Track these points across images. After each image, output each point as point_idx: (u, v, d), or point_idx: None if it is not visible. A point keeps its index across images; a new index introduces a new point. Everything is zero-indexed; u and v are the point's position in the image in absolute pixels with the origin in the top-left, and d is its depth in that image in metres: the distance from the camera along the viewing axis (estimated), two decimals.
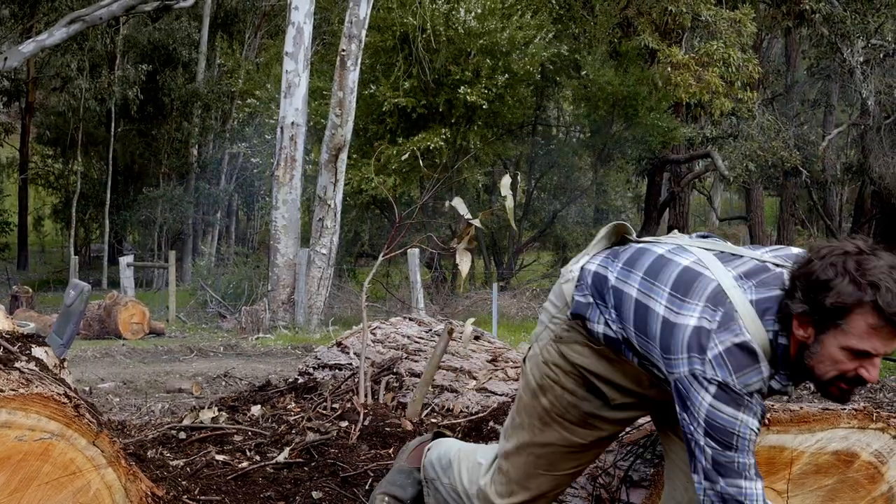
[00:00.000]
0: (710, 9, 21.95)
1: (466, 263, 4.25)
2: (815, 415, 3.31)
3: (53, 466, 2.86)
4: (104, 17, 25.35)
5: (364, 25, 18.34)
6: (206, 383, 9.75)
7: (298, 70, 18.50)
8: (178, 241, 34.64)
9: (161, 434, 4.42)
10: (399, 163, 21.00)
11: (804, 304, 2.71)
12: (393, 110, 21.68)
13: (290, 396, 5.05)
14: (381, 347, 5.48)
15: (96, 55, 32.67)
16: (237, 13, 37.03)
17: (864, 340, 2.68)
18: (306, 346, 13.57)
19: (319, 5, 21.86)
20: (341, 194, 18.69)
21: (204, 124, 35.26)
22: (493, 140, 23.16)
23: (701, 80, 21.30)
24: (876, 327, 2.65)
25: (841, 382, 2.76)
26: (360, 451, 4.10)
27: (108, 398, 8.64)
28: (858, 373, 2.72)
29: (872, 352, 2.69)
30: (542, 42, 22.05)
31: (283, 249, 18.44)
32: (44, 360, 3.65)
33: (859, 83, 23.36)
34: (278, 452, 4.10)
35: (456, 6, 21.28)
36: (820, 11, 22.78)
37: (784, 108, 28.07)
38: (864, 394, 7.98)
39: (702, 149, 23.56)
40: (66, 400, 2.89)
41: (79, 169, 35.16)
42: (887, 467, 3.37)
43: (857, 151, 29.30)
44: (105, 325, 15.95)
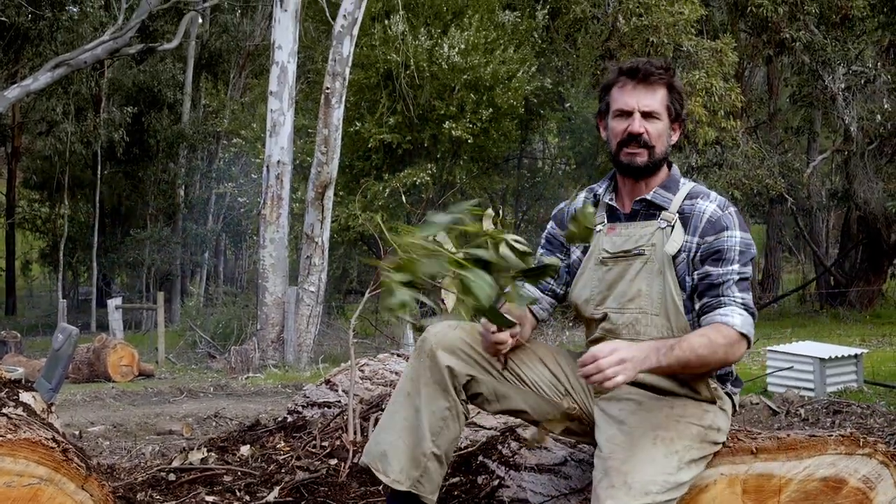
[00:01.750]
0: (691, 39, 22.03)
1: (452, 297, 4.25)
2: (802, 442, 3.32)
3: None
4: (88, 60, 25.42)
5: (348, 63, 18.42)
6: (196, 424, 9.67)
7: (283, 109, 18.55)
8: (166, 282, 34.61)
9: (150, 476, 4.39)
10: (385, 199, 21.04)
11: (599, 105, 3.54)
12: (378, 146, 21.77)
13: (280, 435, 5.02)
14: (370, 384, 5.47)
15: (81, 98, 32.75)
16: (221, 54, 37.20)
17: (619, 100, 3.39)
18: (296, 384, 13.51)
19: (303, 44, 21.95)
20: (328, 231, 18.71)
21: (190, 165, 35.35)
22: (479, 174, 23.24)
23: None
24: (623, 86, 3.39)
25: (624, 147, 3.38)
26: (350, 488, 4.06)
27: (98, 442, 8.57)
28: (629, 130, 3.36)
29: (627, 108, 3.37)
30: (525, 76, 22.20)
31: (271, 288, 18.42)
32: (31, 405, 3.65)
33: (841, 109, 23.43)
34: (268, 492, 4.07)
35: (439, 42, 21.41)
36: (800, 40, 22.88)
37: (768, 135, 28.09)
38: (853, 419, 7.97)
39: (687, 178, 23.62)
40: (55, 444, 2.88)
41: (66, 212, 35.16)
42: (875, 493, 3.37)
43: (841, 177, 29.34)
44: (94, 369, 15.86)
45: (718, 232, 3.30)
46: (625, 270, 3.40)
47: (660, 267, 3.35)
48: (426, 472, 3.33)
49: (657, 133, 3.36)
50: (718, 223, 3.31)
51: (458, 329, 3.45)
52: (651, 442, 3.13)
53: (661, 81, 3.37)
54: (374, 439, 3.42)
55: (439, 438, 3.34)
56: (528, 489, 3.79)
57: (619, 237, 3.44)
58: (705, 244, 3.31)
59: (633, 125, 3.35)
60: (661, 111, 3.37)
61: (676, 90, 3.41)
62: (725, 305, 3.25)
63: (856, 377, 10.27)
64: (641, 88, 3.36)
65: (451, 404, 3.35)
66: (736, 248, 3.29)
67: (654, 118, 3.36)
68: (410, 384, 3.39)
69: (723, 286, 3.26)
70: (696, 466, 3.17)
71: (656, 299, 3.35)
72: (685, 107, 3.50)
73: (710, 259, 3.30)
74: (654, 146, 3.36)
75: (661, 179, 3.45)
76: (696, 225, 3.33)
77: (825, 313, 26.22)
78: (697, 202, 3.37)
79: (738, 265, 3.28)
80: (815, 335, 18.72)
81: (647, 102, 3.35)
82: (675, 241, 3.34)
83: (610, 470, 3.08)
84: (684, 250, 3.33)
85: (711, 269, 3.28)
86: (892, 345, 16.75)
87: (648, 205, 3.43)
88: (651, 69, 3.35)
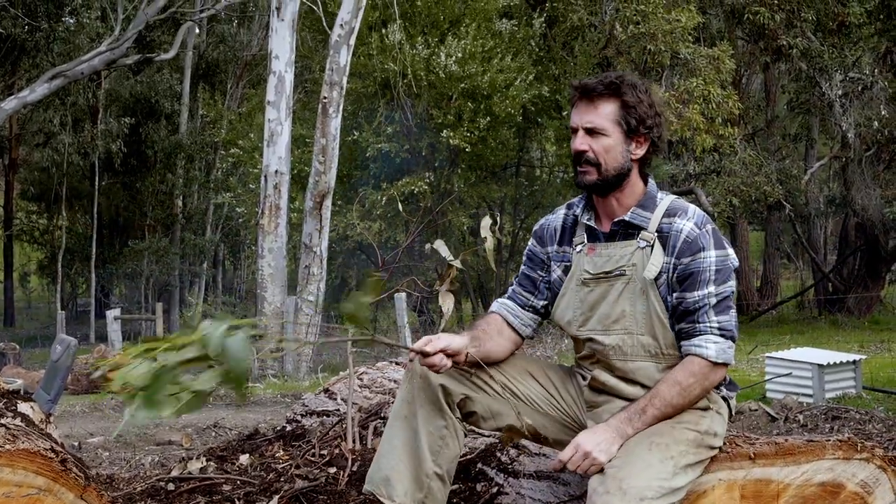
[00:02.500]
0: (688, 47, 22.07)
1: (449, 305, 4.23)
2: (800, 447, 3.33)
3: None
4: (85, 71, 25.42)
5: (345, 72, 18.42)
6: (196, 434, 9.62)
7: (281, 118, 18.54)
8: (164, 293, 34.60)
9: (149, 486, 4.37)
10: (383, 208, 21.06)
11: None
12: (376, 155, 21.78)
13: (279, 444, 5.01)
14: (369, 392, 5.48)
15: (79, 110, 32.76)
16: (218, 64, 37.21)
17: (572, 117, 3.41)
18: (296, 393, 13.47)
19: (300, 54, 21.98)
20: (327, 241, 18.69)
21: (188, 175, 35.31)
22: (477, 182, 23.25)
23: (682, 118, 21.36)
24: (575, 104, 3.40)
25: (576, 166, 3.39)
26: (349, 496, 4.03)
27: (97, 453, 8.52)
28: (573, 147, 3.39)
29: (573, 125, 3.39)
30: (522, 84, 22.20)
31: (270, 298, 18.39)
32: (29, 415, 3.66)
33: (839, 116, 23.47)
34: (267, 501, 4.06)
35: (436, 51, 21.44)
36: (797, 46, 22.92)
37: (765, 142, 28.15)
38: (852, 425, 7.97)
39: (685, 186, 23.63)
40: (53, 455, 2.89)
41: (64, 224, 35.20)
42: (873, 497, 3.38)
43: (839, 184, 29.39)
44: (93, 380, 15.83)
45: (695, 253, 3.30)
46: (607, 291, 3.41)
47: (642, 287, 3.35)
48: (430, 493, 3.36)
49: (604, 149, 3.34)
50: (695, 244, 3.30)
51: None
52: (646, 448, 3.13)
53: (605, 96, 3.35)
54: (375, 465, 3.43)
55: (440, 458, 3.37)
56: (528, 496, 3.79)
57: (600, 258, 3.43)
58: (682, 265, 3.31)
59: (575, 143, 3.38)
60: (606, 126, 3.34)
61: (629, 104, 3.35)
62: (700, 334, 3.28)
63: (854, 383, 10.28)
64: (584, 105, 3.37)
65: (448, 422, 3.38)
66: (711, 268, 3.29)
67: (599, 134, 3.34)
68: (406, 407, 3.41)
69: (698, 312, 3.28)
70: (693, 471, 3.18)
71: (641, 319, 3.36)
72: (650, 118, 3.41)
73: (686, 283, 3.31)
74: (601, 163, 3.34)
75: (638, 197, 3.44)
76: (673, 245, 3.33)
77: (824, 320, 26.26)
78: (675, 221, 3.36)
79: (713, 286, 3.28)
80: (814, 341, 18.77)
81: (589, 119, 3.35)
82: (655, 263, 3.33)
83: (605, 476, 3.09)
84: (664, 271, 3.33)
85: (687, 295, 3.29)
86: (891, 351, 16.80)
87: (627, 225, 3.42)
88: (593, 85, 3.35)
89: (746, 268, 30.96)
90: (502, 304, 3.67)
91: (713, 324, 3.27)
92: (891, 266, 27.30)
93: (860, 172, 24.63)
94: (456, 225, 22.75)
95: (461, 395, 3.38)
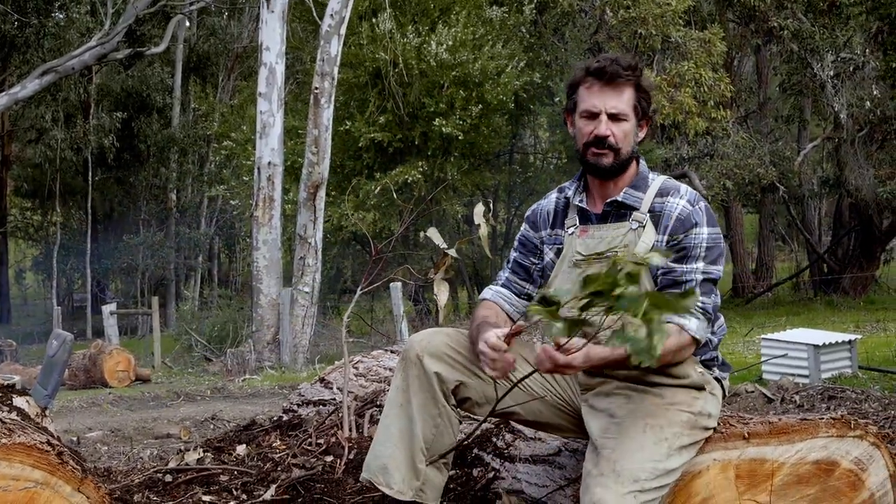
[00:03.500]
0: (679, 30, 22.07)
1: (444, 293, 4.25)
2: (794, 425, 3.34)
3: None
4: (76, 66, 25.42)
5: (336, 63, 18.42)
6: (194, 427, 9.67)
7: (273, 110, 18.54)
8: (160, 287, 34.65)
9: (147, 478, 4.38)
10: (377, 198, 21.05)
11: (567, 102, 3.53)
12: (369, 145, 21.78)
13: (275, 434, 5.04)
14: (364, 381, 5.48)
15: (70, 105, 32.75)
16: (209, 57, 37.22)
17: (586, 101, 3.39)
18: (293, 385, 13.45)
19: (291, 45, 21.94)
20: (321, 232, 18.71)
21: (181, 169, 35.36)
22: (470, 170, 23.22)
23: (674, 101, 21.38)
24: (590, 87, 3.39)
25: (591, 148, 3.39)
26: (346, 484, 4.06)
27: (96, 447, 8.54)
28: (595, 133, 3.37)
29: (594, 109, 3.38)
30: (514, 71, 22.22)
31: (265, 290, 18.41)
32: (25, 409, 3.67)
33: (831, 97, 23.47)
34: (265, 490, 4.07)
35: (427, 39, 21.42)
36: (788, 28, 22.91)
37: (758, 125, 28.19)
38: (848, 405, 8.00)
39: (678, 169, 23.64)
40: (50, 448, 2.89)
41: (58, 220, 35.22)
42: (868, 474, 3.40)
43: (832, 165, 29.35)
44: (91, 375, 15.85)
45: (688, 229, 3.33)
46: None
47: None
48: (427, 480, 3.38)
49: (623, 134, 3.38)
50: (688, 220, 3.33)
51: (441, 334, 3.47)
52: (641, 430, 3.14)
53: (628, 82, 3.38)
54: (372, 453, 3.44)
55: (436, 445, 3.39)
56: (524, 480, 3.81)
57: (592, 239, 3.45)
58: (674, 241, 3.33)
59: (600, 128, 3.37)
60: (628, 112, 3.39)
61: (643, 89, 3.43)
62: None
63: (850, 363, 10.31)
64: (609, 90, 3.38)
65: (443, 410, 3.39)
66: (703, 245, 3.32)
67: (621, 119, 3.38)
68: (402, 395, 3.41)
69: (685, 285, 3.29)
70: (687, 453, 3.18)
71: None
72: (652, 103, 3.50)
73: (675, 255, 3.32)
74: (621, 148, 3.38)
75: (630, 178, 3.47)
76: (666, 223, 3.36)
77: (819, 300, 26.29)
78: (668, 200, 3.39)
79: (703, 262, 3.32)
80: (810, 322, 18.80)
81: (613, 104, 3.37)
82: (646, 242, 3.35)
83: (600, 458, 3.10)
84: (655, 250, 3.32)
85: (676, 267, 3.31)
86: (886, 330, 16.77)
87: (619, 206, 3.45)
88: (618, 70, 3.36)
89: (742, 250, 31.00)
90: (497, 293, 3.66)
91: (697, 301, 3.25)
92: (885, 246, 27.38)
93: (853, 153, 24.65)
94: (450, 213, 22.75)
95: (456, 382, 3.38)
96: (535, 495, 3.74)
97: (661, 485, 3.08)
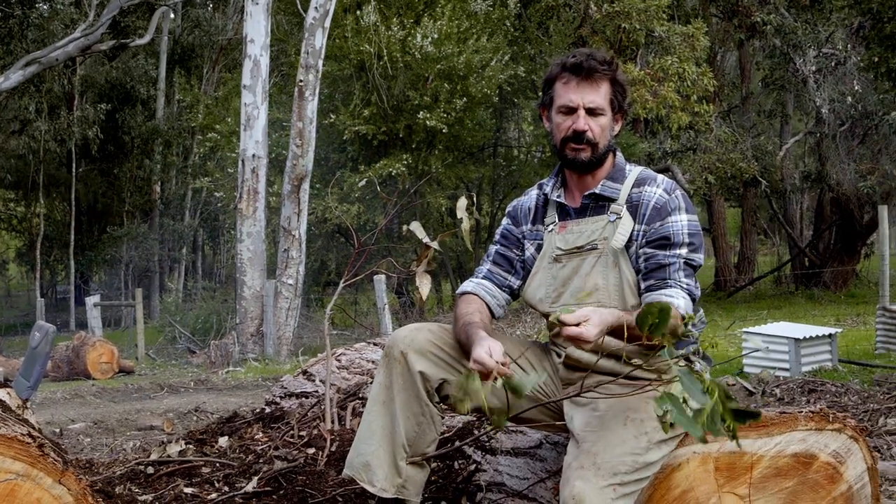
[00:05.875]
0: (663, 25, 22.14)
1: (426, 286, 4.24)
2: (773, 419, 3.35)
3: None
4: (60, 58, 25.39)
5: (320, 55, 18.44)
6: (177, 419, 9.68)
7: (257, 102, 18.55)
8: (144, 279, 34.58)
9: (129, 470, 4.40)
10: (361, 190, 21.05)
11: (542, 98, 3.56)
12: (353, 138, 21.79)
13: (258, 426, 5.07)
14: (347, 373, 5.51)
15: (54, 96, 32.61)
16: (194, 48, 37.14)
17: (563, 96, 3.42)
18: (276, 377, 13.44)
19: (275, 37, 21.93)
20: (305, 224, 18.74)
21: (165, 161, 35.32)
22: (454, 163, 23.24)
23: (657, 96, 21.45)
24: (567, 82, 3.42)
25: (568, 143, 3.43)
26: (328, 476, 4.08)
27: (79, 439, 8.57)
28: (573, 128, 3.41)
29: (571, 104, 3.41)
30: (498, 64, 22.18)
31: (249, 282, 18.43)
32: (7, 401, 3.68)
33: (813, 92, 23.57)
34: (247, 482, 4.09)
35: (412, 32, 21.41)
36: (771, 23, 23.00)
37: (741, 119, 28.26)
38: (828, 398, 8.06)
39: (662, 163, 23.71)
40: (31, 440, 2.88)
41: (42, 211, 35.12)
42: (846, 467, 3.40)
43: (814, 159, 29.46)
44: (74, 366, 15.89)
45: (664, 217, 3.37)
46: (579, 266, 3.46)
47: (614, 259, 3.40)
48: (409, 477, 3.42)
49: (601, 129, 3.42)
50: (664, 209, 3.38)
51: (424, 330, 3.48)
52: (621, 423, 3.16)
53: (604, 77, 3.41)
54: (354, 450, 3.47)
55: (418, 443, 3.42)
56: (505, 472, 3.84)
57: (571, 234, 3.49)
58: (652, 230, 3.37)
59: (578, 123, 3.41)
60: (604, 106, 3.42)
61: (619, 83, 3.46)
62: (670, 287, 3.32)
63: (830, 356, 10.36)
64: (585, 85, 3.41)
65: (426, 409, 3.41)
66: (684, 230, 3.36)
67: (599, 114, 3.42)
68: (385, 392, 3.43)
69: (669, 269, 3.33)
70: (667, 446, 3.19)
71: (613, 291, 3.40)
72: (627, 97, 3.54)
73: (656, 242, 3.36)
74: (598, 142, 3.42)
75: (608, 170, 3.51)
76: (643, 212, 3.40)
77: (800, 294, 26.44)
78: (644, 190, 3.44)
79: (685, 249, 3.35)
80: (791, 316, 18.92)
81: (590, 99, 3.41)
82: (623, 232, 3.39)
83: (580, 451, 3.12)
84: (634, 239, 3.40)
85: (659, 252, 3.35)
86: (867, 324, 16.88)
87: (597, 198, 3.48)
88: (594, 65, 3.39)
89: (724, 244, 31.05)
90: (479, 285, 3.67)
91: (682, 283, 3.32)
92: (866, 240, 27.45)
93: (835, 147, 24.75)
94: (434, 206, 22.74)
95: (439, 380, 3.40)
96: (517, 488, 3.76)
97: (641, 477, 3.09)
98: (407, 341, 3.42)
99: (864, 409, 7.38)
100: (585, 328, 2.97)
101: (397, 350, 3.41)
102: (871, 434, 6.49)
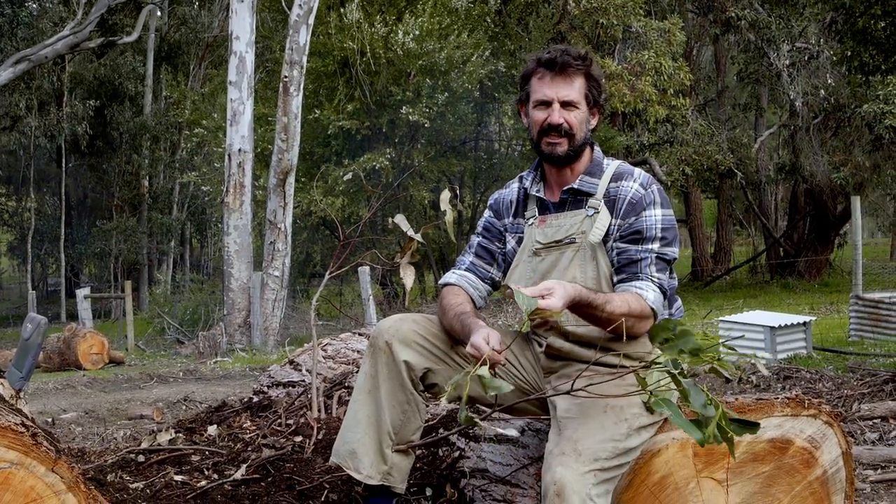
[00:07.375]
0: (640, 20, 22.29)
1: (410, 278, 4.19)
2: (749, 405, 3.41)
3: (14, 495, 2.86)
4: (49, 55, 25.57)
5: (305, 52, 18.58)
6: (166, 409, 9.80)
7: (243, 98, 18.67)
8: (133, 272, 34.63)
9: (120, 458, 4.41)
10: (345, 184, 21.21)
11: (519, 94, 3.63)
12: (338, 133, 21.91)
13: (246, 415, 5.12)
14: (333, 363, 5.53)
15: (44, 93, 32.64)
16: (180, 45, 37.14)
17: (539, 91, 3.49)
18: (263, 367, 13.21)
19: (261, 34, 22.03)
20: (291, 217, 18.88)
21: (153, 156, 35.31)
22: (437, 157, 23.31)
23: (635, 90, 21.60)
24: (542, 77, 3.49)
25: (545, 136, 3.50)
26: (315, 464, 4.12)
27: (70, 428, 8.68)
28: (548, 121, 3.48)
29: (546, 98, 3.48)
30: (479, 60, 22.38)
31: (236, 274, 18.56)
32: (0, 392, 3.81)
33: (787, 85, 23.76)
34: (235, 470, 4.11)
35: (394, 29, 21.56)
36: (745, 18, 23.18)
37: (716, 112, 28.40)
38: (803, 385, 8.29)
39: (639, 156, 23.91)
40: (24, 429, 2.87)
41: (32, 206, 35.19)
42: (821, 452, 3.50)
43: (788, 152, 29.50)
44: (65, 357, 15.95)
45: (639, 212, 3.41)
46: (557, 259, 3.49)
47: (592, 253, 3.44)
48: (394, 465, 3.47)
49: (577, 122, 3.46)
50: (639, 204, 3.42)
51: (409, 321, 3.50)
52: (602, 410, 3.18)
53: (578, 71, 3.47)
54: (341, 438, 3.51)
55: (403, 431, 3.46)
56: (488, 459, 3.86)
57: (551, 228, 3.53)
58: (627, 224, 3.41)
59: (553, 116, 3.46)
60: (579, 100, 3.47)
61: (594, 78, 3.51)
62: (641, 280, 3.36)
63: (805, 344, 10.66)
64: (560, 79, 3.46)
65: (411, 398, 3.44)
66: (657, 226, 3.41)
67: (573, 107, 3.46)
68: (370, 381, 3.46)
69: (640, 263, 3.37)
70: (647, 432, 3.24)
71: (591, 284, 3.39)
72: (603, 92, 3.59)
73: (629, 237, 3.40)
74: (574, 135, 3.47)
75: (585, 165, 3.56)
76: (620, 206, 3.44)
77: (775, 283, 26.65)
78: (621, 184, 3.47)
79: (658, 244, 3.40)
80: (766, 305, 19.13)
81: (565, 93, 3.46)
82: (600, 227, 3.43)
83: (561, 438, 3.15)
84: (611, 233, 3.43)
85: (631, 247, 3.39)
86: (840, 312, 17.07)
87: (575, 193, 3.53)
88: (568, 60, 3.45)
89: (700, 235, 31.12)
90: (462, 276, 3.69)
91: (654, 277, 3.36)
92: (839, 230, 27.71)
93: (808, 140, 24.96)
94: (417, 199, 22.82)
95: (423, 369, 3.43)
96: (500, 474, 3.78)
97: (621, 463, 3.14)
98: (392, 331, 3.43)
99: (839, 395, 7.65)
100: (550, 300, 2.99)
101: (382, 340, 3.43)
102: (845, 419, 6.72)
